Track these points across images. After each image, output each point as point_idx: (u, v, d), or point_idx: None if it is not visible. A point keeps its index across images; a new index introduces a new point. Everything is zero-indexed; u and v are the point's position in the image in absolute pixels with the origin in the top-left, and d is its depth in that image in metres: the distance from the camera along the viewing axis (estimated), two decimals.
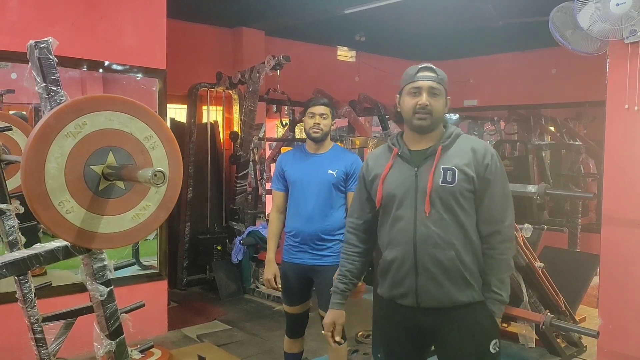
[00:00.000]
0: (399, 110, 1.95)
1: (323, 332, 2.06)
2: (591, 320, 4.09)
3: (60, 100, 1.46)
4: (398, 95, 1.95)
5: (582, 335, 3.64)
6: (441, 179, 1.82)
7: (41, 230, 3.82)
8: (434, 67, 1.90)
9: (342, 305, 2.06)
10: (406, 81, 1.91)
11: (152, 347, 2.00)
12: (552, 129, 7.63)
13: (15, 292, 2.19)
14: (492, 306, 1.87)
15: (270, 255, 2.91)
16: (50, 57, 1.48)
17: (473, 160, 1.84)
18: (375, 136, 6.43)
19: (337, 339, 2.04)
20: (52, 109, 1.42)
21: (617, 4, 2.87)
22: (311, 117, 2.84)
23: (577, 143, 7.16)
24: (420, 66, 1.91)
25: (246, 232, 5.48)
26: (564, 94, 6.85)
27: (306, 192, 2.84)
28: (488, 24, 5.66)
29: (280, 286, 2.89)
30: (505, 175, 1.90)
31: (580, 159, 6.83)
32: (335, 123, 2.94)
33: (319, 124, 2.82)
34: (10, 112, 4.29)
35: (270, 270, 2.89)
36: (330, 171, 2.82)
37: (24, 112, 4.70)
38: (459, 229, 1.83)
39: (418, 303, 1.86)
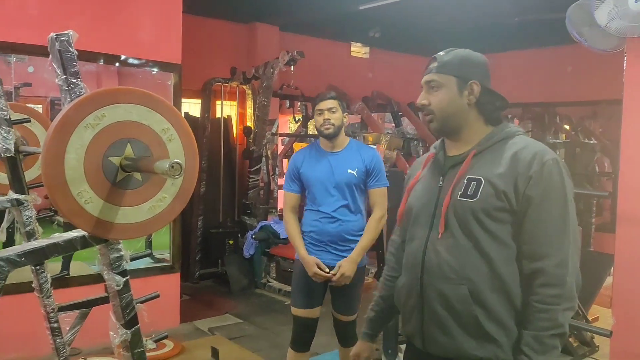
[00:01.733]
0: None
1: None
2: (604, 320, 4.06)
3: (80, 92, 1.48)
4: None
5: (595, 335, 3.62)
6: (461, 192, 1.43)
7: (55, 222, 3.88)
8: (440, 54, 1.54)
9: (371, 336, 1.77)
10: None
11: (166, 337, 2.02)
12: (567, 127, 7.57)
13: (31, 282, 2.23)
14: None
15: (302, 252, 2.74)
16: (71, 49, 1.49)
17: (510, 168, 1.39)
18: (387, 132, 6.42)
19: None
20: (72, 100, 1.44)
21: (636, 1, 2.84)
22: (319, 114, 2.70)
23: (592, 142, 7.09)
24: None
25: (258, 227, 5.51)
26: (579, 92, 6.79)
27: (326, 193, 2.71)
28: (504, 20, 5.63)
29: (330, 271, 2.69)
30: (563, 194, 1.38)
31: (595, 158, 6.77)
32: (346, 115, 2.78)
33: (328, 119, 2.67)
34: None
35: (310, 264, 2.68)
36: (350, 171, 2.69)
37: None
38: (480, 260, 1.39)
39: (425, 347, 1.51)
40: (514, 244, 1.40)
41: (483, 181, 1.40)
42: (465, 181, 1.43)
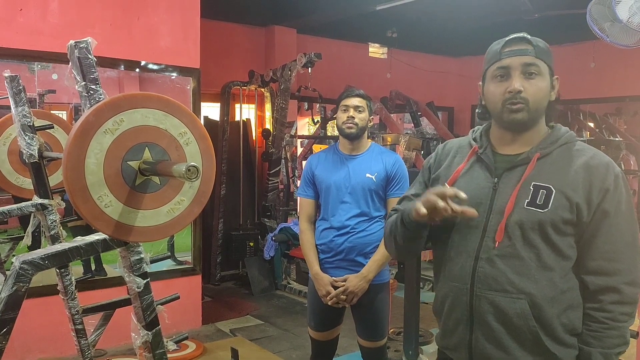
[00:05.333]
0: (483, 103, 1.43)
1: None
2: None
3: (99, 98, 1.50)
4: (480, 84, 1.43)
5: None
6: (528, 200, 1.31)
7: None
8: (529, 37, 1.35)
9: None
10: (490, 61, 1.38)
11: (186, 338, 2.04)
12: (591, 124, 7.44)
13: (56, 285, 2.27)
14: None
15: (315, 269, 2.48)
16: (90, 56, 1.52)
17: (585, 180, 1.30)
18: (407, 133, 6.39)
19: None
20: (91, 106, 1.47)
21: None
22: (344, 110, 2.44)
23: (617, 139, 6.96)
24: (507, 38, 1.36)
25: (278, 229, 5.53)
26: (603, 89, 6.67)
27: (341, 199, 2.45)
28: (524, 17, 5.55)
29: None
30: (632, 207, 1.33)
31: (621, 156, 6.63)
32: (372, 118, 2.55)
33: (353, 117, 2.41)
34: None
35: (323, 284, 2.43)
36: (368, 175, 2.43)
37: None
38: (541, 273, 1.30)
39: None
40: (573, 256, 1.34)
41: (554, 191, 1.30)
42: (531, 188, 1.32)
